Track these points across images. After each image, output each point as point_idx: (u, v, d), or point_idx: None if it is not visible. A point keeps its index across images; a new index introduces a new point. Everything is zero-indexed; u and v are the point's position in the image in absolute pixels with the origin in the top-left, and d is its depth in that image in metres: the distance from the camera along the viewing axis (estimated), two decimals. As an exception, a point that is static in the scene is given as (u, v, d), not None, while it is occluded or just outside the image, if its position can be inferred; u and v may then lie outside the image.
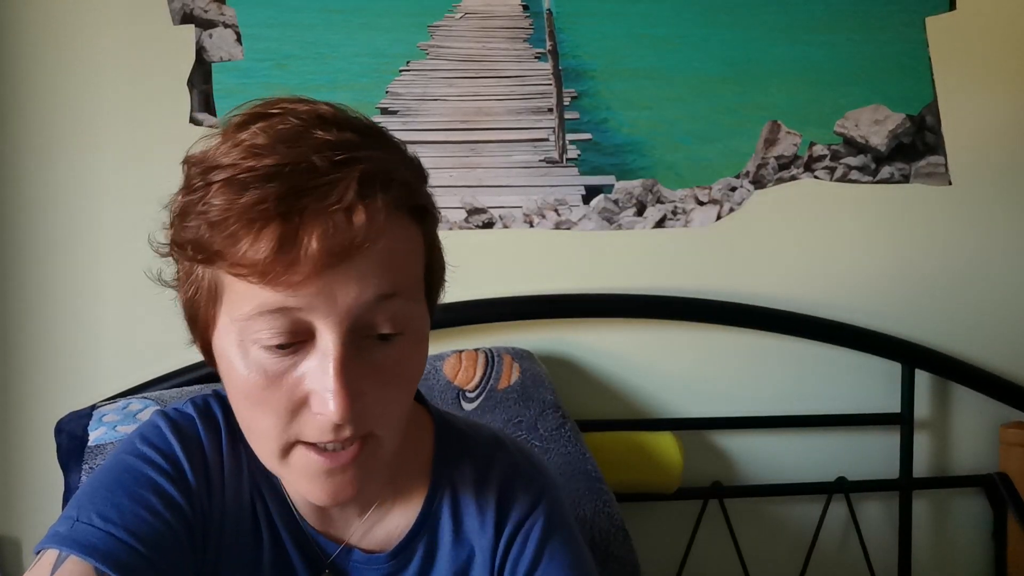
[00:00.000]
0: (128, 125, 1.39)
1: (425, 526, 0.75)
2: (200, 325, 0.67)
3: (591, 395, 1.48)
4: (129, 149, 1.39)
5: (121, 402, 1.24)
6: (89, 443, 1.18)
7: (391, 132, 0.68)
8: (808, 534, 1.51)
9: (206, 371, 1.36)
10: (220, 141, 0.62)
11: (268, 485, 0.74)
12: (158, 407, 1.21)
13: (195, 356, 1.40)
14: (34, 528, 1.38)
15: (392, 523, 0.75)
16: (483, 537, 0.75)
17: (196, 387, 1.30)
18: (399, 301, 0.62)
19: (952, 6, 1.56)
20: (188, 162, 0.64)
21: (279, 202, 0.57)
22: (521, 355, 1.37)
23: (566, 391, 1.42)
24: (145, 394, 1.28)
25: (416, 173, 0.66)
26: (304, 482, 0.64)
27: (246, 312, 0.60)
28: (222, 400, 0.75)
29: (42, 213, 1.38)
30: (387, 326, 0.62)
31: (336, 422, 0.60)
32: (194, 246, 0.60)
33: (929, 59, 1.55)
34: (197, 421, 0.73)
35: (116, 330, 1.39)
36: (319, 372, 0.60)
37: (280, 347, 0.61)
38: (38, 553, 0.65)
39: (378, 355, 0.63)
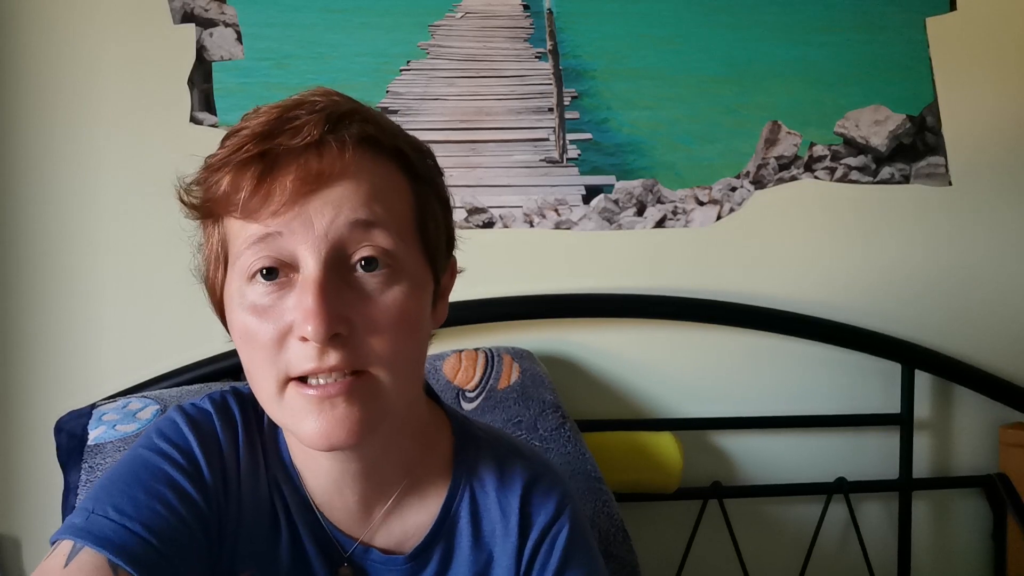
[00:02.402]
0: (128, 124, 1.39)
1: (444, 528, 0.75)
2: (214, 292, 0.70)
3: (591, 395, 1.48)
4: (129, 148, 1.39)
5: (120, 401, 1.24)
6: (89, 442, 1.18)
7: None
8: (808, 534, 1.51)
9: (205, 371, 1.36)
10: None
11: (286, 480, 0.74)
12: (158, 406, 1.21)
13: (194, 355, 1.41)
14: (34, 527, 1.38)
15: (410, 521, 0.75)
16: (506, 541, 0.76)
17: (196, 386, 1.29)
18: (380, 233, 0.64)
19: (952, 7, 1.56)
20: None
21: (256, 143, 0.63)
22: (521, 355, 1.37)
23: (566, 391, 1.42)
24: (144, 393, 1.27)
25: (404, 135, 0.70)
26: (298, 422, 0.64)
27: (240, 249, 0.65)
28: (239, 395, 0.76)
29: (42, 212, 1.38)
30: (368, 251, 0.64)
31: (316, 342, 0.61)
32: (200, 197, 0.66)
33: (929, 60, 1.55)
34: (214, 416, 0.74)
35: (116, 329, 1.39)
36: (301, 296, 0.62)
37: (268, 275, 0.64)
38: (54, 543, 0.65)
39: (367, 288, 0.65)
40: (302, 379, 0.64)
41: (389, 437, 0.72)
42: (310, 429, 0.64)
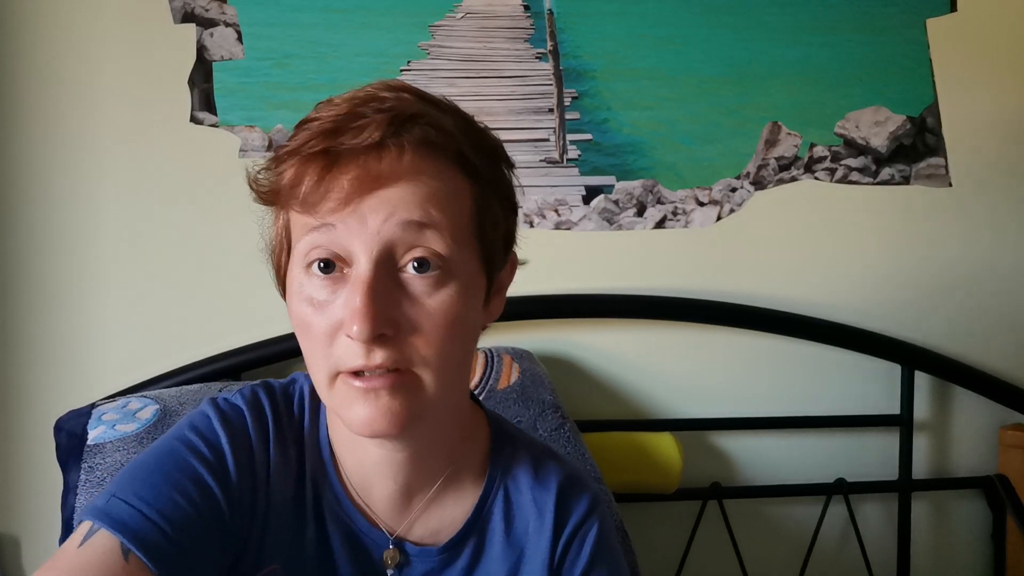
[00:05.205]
0: (128, 123, 1.39)
1: (477, 523, 0.78)
2: (280, 274, 0.73)
3: (591, 395, 1.48)
4: (129, 148, 1.39)
5: (120, 400, 1.24)
6: (88, 442, 1.18)
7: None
8: (807, 535, 1.51)
9: (205, 370, 1.36)
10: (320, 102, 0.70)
11: (323, 475, 0.76)
12: (157, 405, 1.21)
13: (194, 355, 1.41)
14: (34, 527, 1.38)
15: (447, 514, 0.77)
16: (540, 538, 0.78)
17: (195, 386, 1.29)
18: (433, 235, 0.65)
19: (953, 8, 1.56)
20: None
21: (321, 140, 0.64)
22: (521, 355, 1.37)
23: (566, 391, 1.42)
24: (144, 393, 1.27)
25: (469, 133, 0.70)
26: (345, 409, 0.67)
27: (299, 236, 0.67)
28: (271, 392, 0.78)
29: (42, 211, 1.38)
30: (420, 262, 0.65)
31: (361, 340, 0.63)
32: (266, 185, 0.68)
33: (930, 60, 1.55)
34: (246, 414, 0.75)
35: (116, 329, 1.39)
36: (351, 295, 0.64)
37: (324, 269, 0.66)
38: (80, 523, 0.67)
39: (416, 290, 0.66)
40: (352, 371, 0.66)
41: (436, 429, 0.74)
42: (355, 417, 0.66)
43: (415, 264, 0.66)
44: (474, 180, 0.70)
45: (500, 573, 0.77)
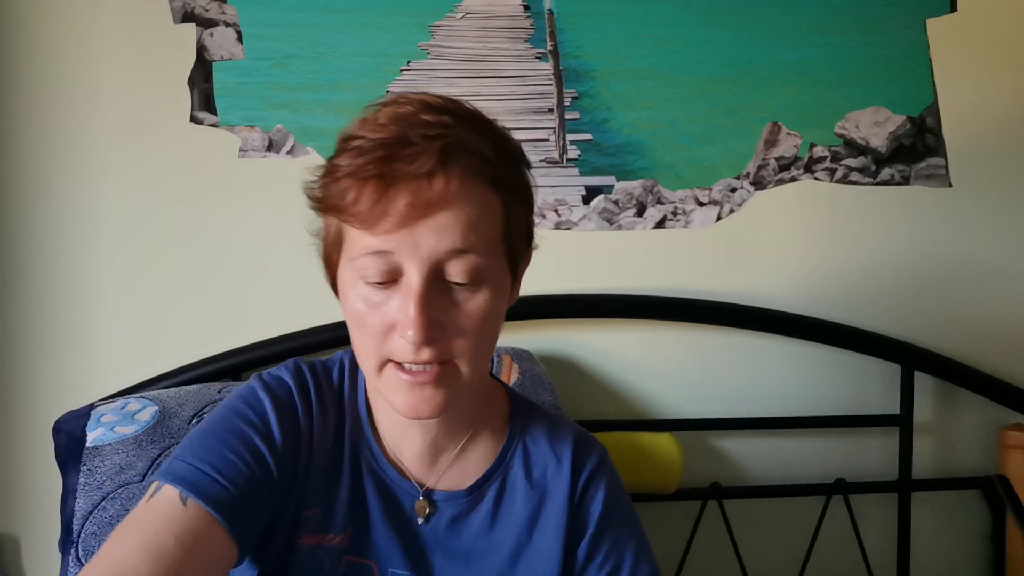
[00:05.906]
0: (128, 124, 1.38)
1: (499, 468, 0.89)
2: (330, 266, 0.82)
3: (591, 395, 1.48)
4: (129, 147, 1.39)
5: (119, 401, 1.24)
6: (87, 444, 1.17)
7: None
8: (807, 535, 1.51)
9: (204, 371, 1.36)
10: (361, 118, 0.78)
11: (362, 438, 0.88)
12: (156, 407, 1.21)
13: (194, 356, 1.41)
14: (33, 526, 1.38)
15: (470, 467, 0.89)
16: (559, 479, 0.90)
17: (195, 387, 1.29)
18: (472, 257, 0.76)
19: (953, 8, 1.56)
20: (341, 134, 0.80)
21: (378, 165, 0.73)
22: (521, 355, 1.37)
23: (566, 391, 1.42)
24: (143, 393, 1.27)
25: (501, 152, 0.79)
26: (392, 395, 0.79)
27: (356, 254, 0.77)
28: (312, 366, 0.89)
29: (41, 211, 1.37)
30: (461, 277, 0.76)
31: (414, 344, 0.74)
32: (321, 199, 0.77)
33: (930, 61, 1.55)
34: (291, 384, 0.86)
35: (115, 329, 1.39)
36: (404, 304, 0.75)
37: (378, 284, 0.76)
38: (150, 485, 0.79)
39: (457, 297, 0.77)
40: (399, 362, 0.77)
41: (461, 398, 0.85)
42: (402, 403, 0.78)
43: (457, 277, 0.76)
44: (504, 194, 0.79)
45: (524, 513, 0.88)
